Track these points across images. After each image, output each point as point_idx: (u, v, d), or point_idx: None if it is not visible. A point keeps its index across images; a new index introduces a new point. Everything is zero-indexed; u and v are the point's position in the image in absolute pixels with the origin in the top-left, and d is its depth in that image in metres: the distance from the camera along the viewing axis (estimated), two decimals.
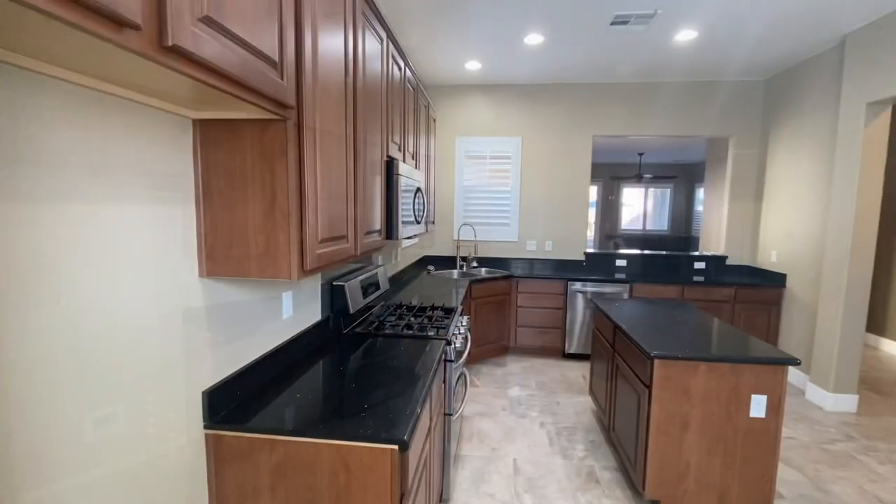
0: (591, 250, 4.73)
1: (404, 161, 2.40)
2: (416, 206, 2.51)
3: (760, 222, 4.33)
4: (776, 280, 3.98)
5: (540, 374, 3.91)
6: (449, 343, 2.06)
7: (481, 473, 2.41)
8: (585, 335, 4.21)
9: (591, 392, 3.10)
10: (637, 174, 8.87)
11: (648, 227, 11.10)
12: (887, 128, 3.04)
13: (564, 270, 4.54)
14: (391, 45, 2.04)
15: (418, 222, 2.55)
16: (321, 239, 1.29)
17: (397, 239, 2.07)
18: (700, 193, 10.02)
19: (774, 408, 1.96)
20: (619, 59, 3.81)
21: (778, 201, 4.06)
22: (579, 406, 3.28)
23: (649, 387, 2.03)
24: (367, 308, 2.43)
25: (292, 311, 1.73)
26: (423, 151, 2.98)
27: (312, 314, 1.92)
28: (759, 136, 4.37)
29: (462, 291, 3.33)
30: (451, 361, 2.06)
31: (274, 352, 1.58)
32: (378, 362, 1.74)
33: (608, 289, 4.13)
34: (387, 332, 2.12)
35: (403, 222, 2.22)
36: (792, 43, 3.40)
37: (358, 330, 2.14)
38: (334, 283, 2.06)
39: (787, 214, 3.91)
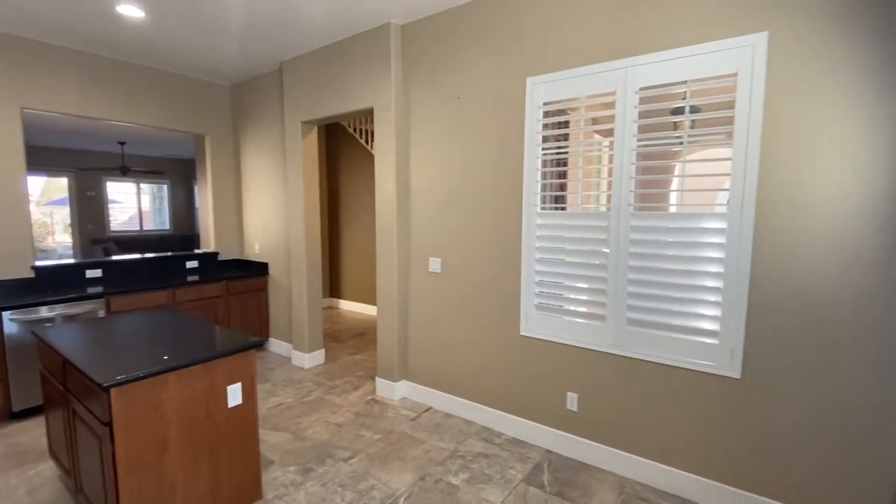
0: (47, 262, 3.55)
1: None
2: None
3: (243, 218, 4.72)
4: (261, 269, 4.49)
5: None
6: None
7: None
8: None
9: (52, 453, 2.31)
10: (121, 166, 7.61)
11: (148, 226, 9.92)
12: (315, 142, 3.98)
13: None
14: None
15: None
16: None
17: None
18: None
19: (249, 391, 2.11)
20: (49, 13, 2.91)
21: (253, 199, 4.54)
22: (39, 478, 2.38)
23: (110, 424, 1.66)
24: None
25: None
26: None
27: None
28: (231, 137, 4.69)
29: None
30: None
31: None
32: None
33: (76, 309, 3.22)
34: None
35: None
36: (244, 58, 3.77)
37: None
38: None
39: (262, 210, 4.45)
